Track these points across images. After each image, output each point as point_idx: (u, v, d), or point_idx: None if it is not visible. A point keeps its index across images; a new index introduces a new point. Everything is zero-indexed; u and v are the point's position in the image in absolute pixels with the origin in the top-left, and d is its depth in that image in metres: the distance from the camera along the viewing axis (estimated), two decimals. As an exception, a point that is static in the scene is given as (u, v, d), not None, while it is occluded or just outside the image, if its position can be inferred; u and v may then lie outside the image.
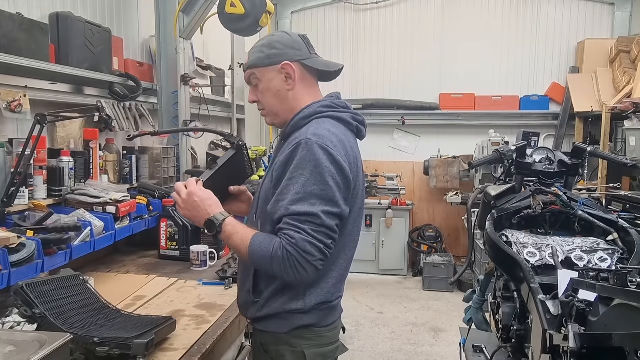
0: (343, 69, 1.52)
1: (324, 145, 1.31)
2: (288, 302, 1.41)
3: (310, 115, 1.42)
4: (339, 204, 1.33)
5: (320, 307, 1.43)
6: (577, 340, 1.26)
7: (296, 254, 1.27)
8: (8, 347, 1.06)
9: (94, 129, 2.48)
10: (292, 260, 1.28)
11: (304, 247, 1.27)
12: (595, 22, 5.52)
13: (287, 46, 1.44)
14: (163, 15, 3.15)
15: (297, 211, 1.29)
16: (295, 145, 1.34)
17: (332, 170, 1.31)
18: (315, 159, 1.30)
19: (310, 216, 1.29)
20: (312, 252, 1.28)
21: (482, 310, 2.40)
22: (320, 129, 1.36)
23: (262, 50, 1.45)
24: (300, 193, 1.30)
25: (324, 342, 1.46)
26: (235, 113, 4.36)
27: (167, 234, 2.53)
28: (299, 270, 1.28)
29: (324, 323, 1.46)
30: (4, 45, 1.96)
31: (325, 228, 1.30)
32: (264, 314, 1.44)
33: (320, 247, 1.29)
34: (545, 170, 2.22)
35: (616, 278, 1.24)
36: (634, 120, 4.17)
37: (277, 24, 6.00)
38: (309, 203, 1.29)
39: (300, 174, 1.31)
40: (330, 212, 1.31)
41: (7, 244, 1.61)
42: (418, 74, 5.86)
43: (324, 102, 1.46)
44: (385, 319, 4.37)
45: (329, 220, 1.30)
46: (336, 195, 1.32)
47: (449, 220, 5.90)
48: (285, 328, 1.42)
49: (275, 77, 1.44)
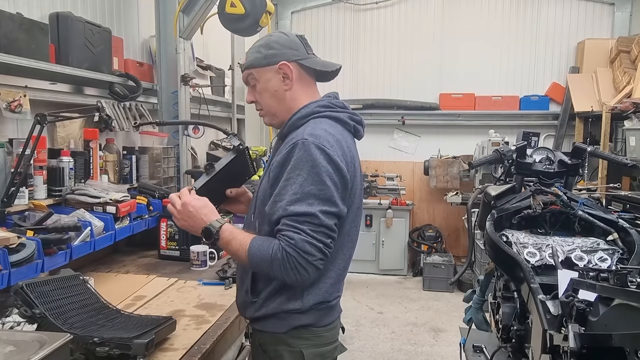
0: (341, 68, 1.52)
1: (320, 145, 1.32)
2: (286, 302, 1.41)
3: (308, 115, 1.42)
4: (337, 203, 1.33)
5: (318, 307, 1.43)
6: (577, 340, 1.26)
7: (296, 254, 1.27)
8: (8, 347, 1.06)
9: (94, 129, 2.48)
10: (292, 261, 1.27)
11: (304, 247, 1.27)
12: (595, 22, 5.52)
13: (284, 46, 1.44)
14: (163, 15, 3.15)
15: (295, 212, 1.29)
16: (292, 145, 1.33)
17: (329, 170, 1.31)
18: (312, 159, 1.30)
19: (309, 216, 1.28)
20: (311, 252, 1.28)
21: (482, 310, 2.40)
22: (317, 129, 1.36)
23: (259, 50, 1.45)
24: (298, 193, 1.30)
25: (322, 342, 1.46)
26: (235, 113, 4.36)
27: (167, 234, 2.53)
28: (299, 271, 1.28)
29: (322, 323, 1.46)
30: (4, 45, 1.96)
31: (324, 227, 1.30)
32: (262, 314, 1.44)
33: (320, 246, 1.29)
34: (545, 170, 2.22)
35: (616, 278, 1.24)
36: (634, 120, 4.17)
37: (277, 24, 6.00)
38: (307, 203, 1.29)
39: (297, 174, 1.31)
40: (328, 211, 1.31)
41: (7, 244, 1.61)
42: (418, 74, 5.86)
43: (321, 102, 1.46)
44: (385, 319, 4.37)
45: (327, 220, 1.30)
46: (334, 194, 1.32)
47: (449, 220, 5.90)
48: (284, 328, 1.42)
49: (272, 77, 1.44)
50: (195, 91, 3.50)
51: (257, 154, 3.82)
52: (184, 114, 3.15)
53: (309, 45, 1.50)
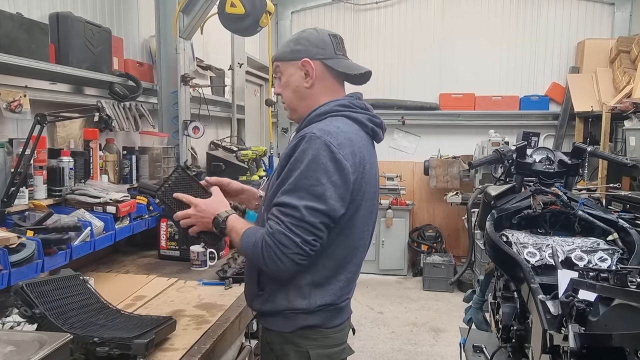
0: (371, 74, 1.52)
1: (327, 142, 1.31)
2: (291, 299, 1.41)
3: (326, 112, 1.43)
4: (328, 201, 1.30)
5: (325, 308, 1.42)
6: (577, 340, 1.26)
7: (272, 244, 1.29)
8: (8, 347, 1.06)
9: (94, 129, 2.47)
10: (269, 251, 1.29)
11: (280, 238, 1.28)
12: (595, 22, 5.52)
13: (311, 43, 1.46)
14: (163, 15, 3.15)
15: (282, 202, 1.31)
16: (300, 138, 1.35)
17: (328, 167, 1.30)
18: (314, 154, 1.30)
19: (292, 208, 1.29)
20: (287, 244, 1.28)
21: (482, 310, 2.40)
22: (330, 126, 1.36)
23: (288, 44, 1.49)
24: (292, 185, 1.31)
25: (330, 344, 1.46)
26: (235, 113, 4.36)
27: (167, 234, 2.53)
28: (275, 262, 1.29)
29: (329, 324, 1.45)
30: (4, 45, 1.96)
31: (306, 223, 1.29)
32: (268, 309, 1.45)
33: (297, 241, 1.28)
34: (545, 170, 2.23)
35: (616, 278, 1.24)
36: (634, 120, 4.17)
37: (277, 24, 6.00)
38: (297, 196, 1.30)
39: (297, 166, 1.32)
40: (315, 207, 1.29)
41: (7, 244, 1.61)
42: (418, 74, 5.86)
43: (341, 101, 1.46)
44: (385, 319, 4.37)
45: (310, 216, 1.29)
46: (326, 192, 1.30)
47: (449, 220, 5.90)
48: (290, 327, 1.43)
49: (295, 73, 1.47)
50: (195, 91, 3.50)
51: (257, 154, 3.81)
52: (184, 114, 3.15)
53: (340, 45, 1.50)
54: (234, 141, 4.27)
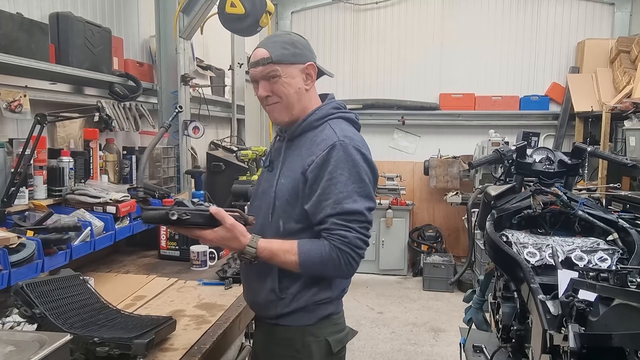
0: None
1: (356, 146, 1.43)
2: (318, 292, 1.47)
3: (324, 116, 1.50)
4: (374, 198, 1.46)
5: (342, 294, 1.56)
6: (577, 340, 1.26)
7: (350, 250, 1.38)
8: (8, 347, 1.06)
9: (94, 129, 2.47)
10: (347, 258, 1.38)
11: (356, 243, 1.39)
12: (595, 22, 5.52)
13: (305, 47, 1.51)
14: (163, 15, 3.15)
15: (344, 210, 1.38)
16: (331, 147, 1.41)
17: (366, 168, 1.43)
18: (352, 159, 1.41)
19: (357, 214, 1.39)
20: (362, 246, 1.41)
21: (482, 310, 2.40)
22: (347, 131, 1.46)
23: (285, 47, 1.46)
24: (344, 192, 1.39)
25: (340, 329, 1.56)
26: (235, 113, 4.36)
27: (167, 234, 2.53)
28: (352, 265, 1.40)
29: (338, 310, 1.56)
30: (4, 45, 1.96)
31: (368, 223, 1.43)
32: (292, 309, 1.47)
33: (366, 240, 1.42)
34: (545, 170, 2.22)
35: (616, 278, 1.25)
36: (634, 120, 4.17)
37: (277, 24, 6.00)
38: (352, 200, 1.39)
39: (340, 174, 1.39)
40: (370, 207, 1.43)
41: (7, 244, 1.61)
42: (418, 74, 5.86)
43: (332, 103, 1.55)
44: (385, 319, 4.37)
45: (370, 215, 1.43)
46: (371, 191, 1.44)
47: (449, 220, 5.90)
48: (312, 320, 1.48)
49: (297, 75, 1.48)
50: (195, 91, 3.51)
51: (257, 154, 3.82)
52: (184, 113, 3.15)
53: None
54: (234, 141, 4.27)
